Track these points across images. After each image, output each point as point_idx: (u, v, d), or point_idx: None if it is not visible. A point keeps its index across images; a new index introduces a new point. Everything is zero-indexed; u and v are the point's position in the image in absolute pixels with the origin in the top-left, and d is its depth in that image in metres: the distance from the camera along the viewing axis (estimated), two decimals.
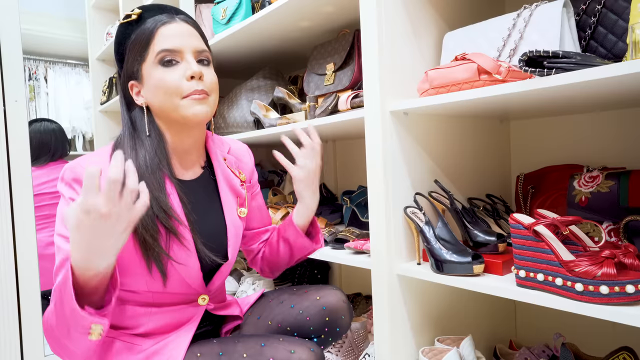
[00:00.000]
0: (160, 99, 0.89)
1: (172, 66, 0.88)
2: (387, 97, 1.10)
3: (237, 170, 1.05)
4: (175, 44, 0.89)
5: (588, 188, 1.06)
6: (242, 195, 1.04)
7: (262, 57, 1.99)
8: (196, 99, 0.88)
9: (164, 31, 0.89)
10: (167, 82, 0.87)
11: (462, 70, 0.96)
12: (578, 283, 0.79)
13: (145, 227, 0.83)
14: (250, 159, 1.12)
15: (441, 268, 1.02)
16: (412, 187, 1.16)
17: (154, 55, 0.88)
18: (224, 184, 1.00)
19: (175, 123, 0.92)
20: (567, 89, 0.80)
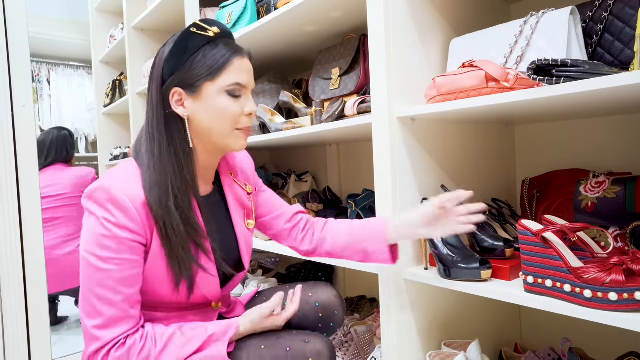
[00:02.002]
0: (215, 123, 0.91)
1: (236, 99, 0.92)
2: (395, 103, 1.11)
3: (244, 183, 1.08)
4: (245, 80, 0.93)
5: (595, 193, 1.07)
6: (249, 207, 1.06)
7: (267, 61, 2.00)
8: (244, 133, 0.94)
9: (239, 64, 0.92)
10: (231, 112, 0.91)
11: (470, 77, 0.97)
12: (587, 290, 0.80)
13: (182, 244, 0.87)
14: (250, 164, 1.14)
15: (449, 273, 1.02)
16: (419, 192, 1.17)
17: (226, 83, 0.90)
18: (233, 199, 1.03)
19: (213, 145, 0.94)
20: (575, 97, 0.81)
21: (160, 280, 0.89)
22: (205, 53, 0.90)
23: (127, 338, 0.83)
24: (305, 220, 1.15)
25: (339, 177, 2.13)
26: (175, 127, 0.91)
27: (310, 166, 2.30)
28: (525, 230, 0.91)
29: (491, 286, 0.96)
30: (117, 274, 0.83)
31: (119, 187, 0.85)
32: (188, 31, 0.90)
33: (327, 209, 1.96)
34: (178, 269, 0.87)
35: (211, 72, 0.89)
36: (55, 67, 4.48)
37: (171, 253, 0.87)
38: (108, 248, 0.83)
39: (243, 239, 1.02)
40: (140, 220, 0.85)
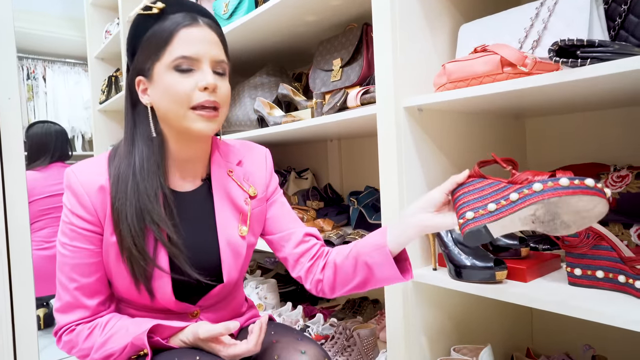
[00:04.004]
0: (167, 105, 0.83)
1: (186, 73, 0.81)
2: (401, 92, 1.04)
3: (247, 184, 0.96)
4: (194, 51, 0.82)
5: (616, 188, 0.99)
6: (245, 211, 0.94)
7: (265, 53, 1.92)
8: (204, 115, 0.82)
9: (185, 35, 0.82)
10: (179, 89, 0.81)
11: (483, 62, 0.89)
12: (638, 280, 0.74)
13: (133, 236, 0.81)
14: (266, 168, 1.01)
15: (460, 274, 0.95)
16: (427, 188, 1.10)
17: (171, 59, 0.81)
18: (223, 200, 0.92)
19: (178, 131, 0.86)
20: (602, 81, 0.74)
21: (121, 277, 0.84)
22: (153, 32, 0.83)
23: (78, 325, 0.84)
24: (316, 250, 0.96)
25: (340, 174, 2.06)
26: (142, 117, 0.87)
27: (311, 162, 2.23)
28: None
29: (508, 288, 0.88)
30: (71, 260, 0.83)
31: (78, 171, 0.84)
32: (137, 15, 0.85)
33: (328, 207, 1.89)
34: (130, 266, 0.82)
35: (156, 50, 0.82)
36: (51, 64, 4.40)
37: (122, 245, 0.82)
38: (65, 234, 0.84)
39: (228, 246, 0.90)
40: (93, 207, 0.82)
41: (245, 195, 0.94)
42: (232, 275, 0.91)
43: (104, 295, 0.86)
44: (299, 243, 0.96)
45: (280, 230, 0.98)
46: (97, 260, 0.84)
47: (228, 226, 0.91)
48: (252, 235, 0.96)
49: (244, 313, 1.02)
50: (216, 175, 0.93)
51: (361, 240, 0.89)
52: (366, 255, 0.85)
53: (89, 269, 0.83)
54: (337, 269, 0.90)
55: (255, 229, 0.96)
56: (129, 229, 0.81)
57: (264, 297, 1.90)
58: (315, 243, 0.98)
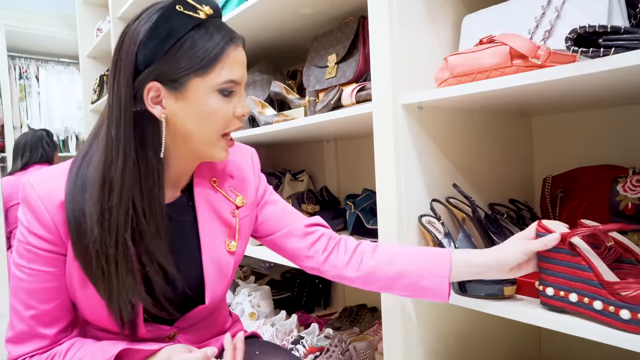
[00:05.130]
0: (199, 127, 0.73)
1: (228, 97, 0.74)
2: (399, 88, 0.95)
3: (233, 193, 0.87)
4: (240, 75, 0.75)
5: (636, 193, 0.91)
6: (232, 224, 0.85)
7: (259, 50, 1.84)
8: (229, 144, 0.78)
9: (234, 56, 0.73)
10: (221, 115, 0.73)
11: (490, 54, 0.81)
12: (624, 309, 0.64)
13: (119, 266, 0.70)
14: (254, 170, 0.92)
15: (464, 288, 0.86)
16: (427, 192, 1.01)
17: (220, 81, 0.72)
18: (207, 213, 0.82)
19: (194, 153, 0.77)
20: (628, 73, 0.65)
21: (88, 301, 0.74)
22: (194, 40, 0.70)
23: (32, 357, 0.73)
24: (328, 237, 0.89)
25: (337, 176, 1.97)
26: (148, 130, 0.73)
27: (307, 164, 2.14)
28: (546, 233, 0.75)
29: (517, 306, 0.80)
30: (28, 284, 0.72)
31: (36, 183, 0.72)
32: (172, 8, 0.70)
33: (324, 211, 1.80)
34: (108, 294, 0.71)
35: (202, 65, 0.71)
36: (44, 63, 4.32)
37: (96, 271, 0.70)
38: (21, 255, 0.73)
39: (213, 264, 0.81)
40: (54, 224, 0.71)
41: (232, 206, 0.85)
42: (216, 295, 0.82)
43: (64, 322, 0.76)
44: (304, 235, 0.88)
45: (280, 229, 0.90)
46: (57, 284, 0.73)
47: (214, 243, 0.82)
48: (241, 247, 0.87)
49: (228, 329, 0.94)
50: (199, 186, 0.83)
51: (419, 256, 0.81)
52: (420, 278, 0.79)
53: (48, 294, 0.73)
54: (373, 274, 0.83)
55: (244, 238, 0.88)
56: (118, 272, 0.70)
57: (256, 305, 1.81)
58: (323, 234, 0.89)
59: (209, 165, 0.85)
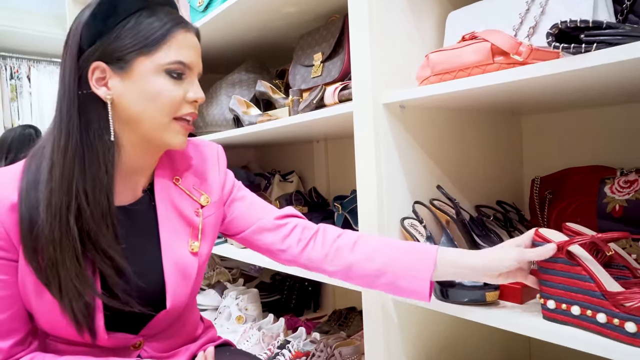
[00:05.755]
0: (147, 109, 0.72)
1: (177, 80, 0.73)
2: (380, 87, 0.92)
3: (197, 192, 0.84)
4: (190, 58, 0.74)
5: (624, 195, 0.88)
6: (196, 224, 0.82)
7: (245, 49, 1.80)
8: (185, 127, 0.75)
9: (183, 38, 0.73)
10: (169, 97, 0.72)
11: (472, 51, 0.78)
12: (630, 322, 0.61)
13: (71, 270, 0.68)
14: (219, 168, 0.89)
15: (446, 294, 0.83)
16: (410, 194, 0.98)
17: (166, 61, 0.71)
18: (169, 213, 0.79)
19: (146, 139, 0.75)
20: (611, 70, 0.62)
21: (44, 310, 0.70)
22: (139, 19, 0.71)
23: None
24: (302, 228, 0.85)
25: (327, 177, 1.94)
26: (94, 113, 0.71)
27: (297, 165, 2.11)
28: (544, 242, 0.72)
29: (500, 312, 0.77)
30: None
31: None
32: None
33: (313, 212, 1.77)
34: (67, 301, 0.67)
35: (147, 43, 0.70)
36: (36, 63, 4.27)
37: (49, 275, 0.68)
38: None
39: (175, 267, 0.77)
40: (4, 229, 0.67)
41: (196, 205, 0.82)
42: (179, 299, 0.78)
43: (21, 334, 0.71)
44: (275, 229, 0.84)
45: (249, 225, 0.86)
46: (10, 293, 0.69)
47: (175, 244, 0.79)
48: (206, 247, 0.84)
49: (200, 336, 0.90)
50: (160, 185, 0.80)
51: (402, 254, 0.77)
52: (400, 278, 0.75)
53: (1, 303, 0.69)
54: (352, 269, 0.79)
55: (209, 238, 0.85)
56: (64, 258, 0.67)
57: (244, 308, 1.78)
58: (296, 225, 0.85)
59: (171, 163, 0.83)
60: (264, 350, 1.52)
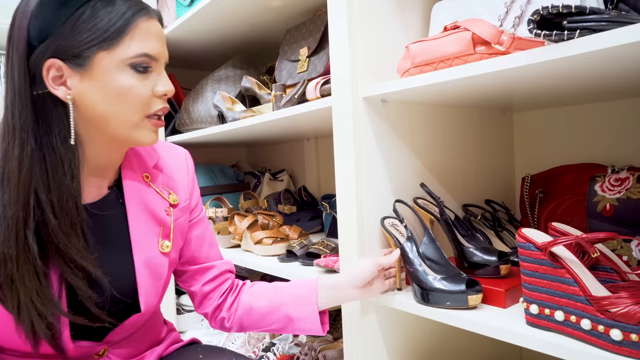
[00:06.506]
0: (116, 109, 0.66)
1: (143, 75, 0.67)
2: (360, 81, 0.88)
3: (166, 190, 0.80)
4: (155, 49, 0.68)
5: (614, 194, 0.84)
6: (167, 223, 0.78)
7: (233, 45, 1.76)
8: (155, 124, 0.71)
9: (146, 27, 0.67)
10: (138, 94, 0.67)
11: (453, 41, 0.74)
12: (615, 329, 0.57)
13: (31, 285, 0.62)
14: (188, 172, 0.85)
15: (427, 298, 0.79)
16: (392, 193, 0.94)
17: (130, 55, 0.65)
18: (139, 211, 0.75)
19: (114, 138, 0.69)
20: (595, 59, 0.58)
21: None
22: (95, 9, 0.63)
23: None
24: (230, 284, 0.87)
25: (317, 176, 1.90)
26: (54, 115, 0.65)
27: (287, 163, 2.07)
28: (526, 243, 0.68)
29: (481, 316, 0.72)
30: None
31: None
32: None
33: (302, 211, 1.73)
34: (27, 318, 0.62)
35: (106, 37, 0.64)
36: None
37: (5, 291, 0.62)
38: None
39: (146, 267, 0.74)
40: None
41: (166, 203, 0.78)
42: (151, 301, 0.74)
43: None
44: (215, 278, 0.85)
45: (199, 261, 0.85)
46: None
47: (146, 242, 0.75)
48: (175, 252, 0.80)
49: (164, 339, 0.87)
50: (129, 182, 0.76)
51: (287, 289, 0.84)
52: (291, 309, 0.82)
53: None
54: (252, 312, 0.83)
55: (177, 243, 0.81)
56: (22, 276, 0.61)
57: None
58: (229, 278, 0.88)
59: (139, 159, 0.79)
60: (249, 353, 1.48)
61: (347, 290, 0.81)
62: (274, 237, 1.33)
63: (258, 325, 0.84)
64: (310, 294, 0.82)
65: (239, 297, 0.85)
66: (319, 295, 0.81)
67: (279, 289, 0.85)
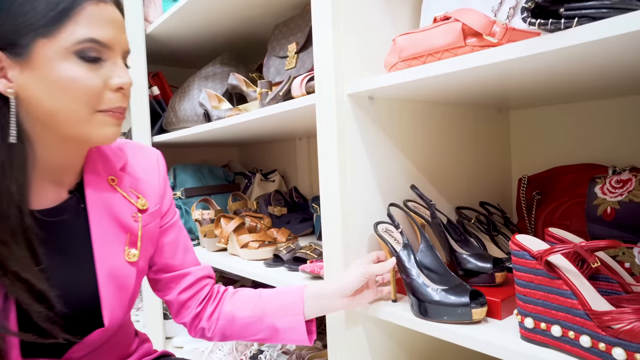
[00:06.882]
0: (61, 103, 0.60)
1: (93, 64, 0.60)
2: (345, 77, 0.82)
3: (134, 195, 0.74)
4: (107, 36, 0.61)
5: (616, 196, 0.78)
6: (134, 230, 0.72)
7: (222, 42, 1.71)
8: (114, 116, 0.64)
9: (94, 11, 0.60)
10: (86, 86, 0.60)
11: (442, 33, 0.68)
12: (617, 347, 0.51)
13: None
14: (159, 174, 0.80)
15: (425, 311, 0.73)
16: (381, 197, 0.89)
17: (73, 41, 0.59)
18: (103, 217, 0.69)
19: (66, 136, 0.63)
20: (596, 49, 0.53)
21: None
22: None
23: None
24: (208, 291, 0.82)
25: (309, 177, 1.84)
26: None
27: (279, 164, 2.02)
28: (521, 252, 0.63)
29: (473, 330, 0.67)
30: None
31: None
32: None
33: (292, 213, 1.68)
34: None
35: (46, 23, 0.57)
36: None
37: None
38: None
39: (110, 278, 0.68)
40: None
41: (133, 209, 0.73)
42: (117, 315, 0.69)
43: None
44: (191, 285, 0.80)
45: (173, 269, 0.80)
46: None
47: (110, 251, 0.69)
48: (144, 260, 0.74)
49: (135, 351, 0.82)
50: (92, 184, 0.70)
51: (271, 298, 0.80)
52: (276, 319, 0.77)
53: None
54: (235, 322, 0.78)
55: (147, 251, 0.75)
56: None
57: None
58: (207, 284, 0.82)
59: (104, 160, 0.73)
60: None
61: (335, 299, 0.77)
62: (260, 240, 1.28)
63: (242, 335, 0.79)
64: (296, 303, 0.77)
65: (220, 306, 0.80)
66: (306, 305, 0.77)
67: (263, 297, 0.80)
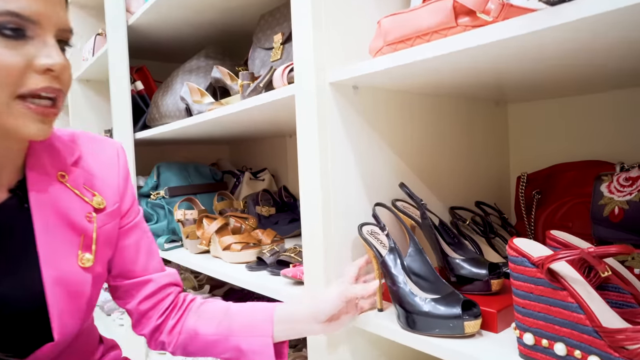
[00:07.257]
0: None
1: (13, 41, 0.53)
2: (326, 65, 0.75)
3: (89, 192, 0.67)
4: (34, 9, 0.53)
5: (624, 195, 0.71)
6: (89, 232, 0.65)
7: (206, 35, 1.64)
8: (39, 111, 0.55)
9: None
10: (5, 65, 0.52)
11: (430, 12, 0.61)
12: None
13: None
14: (119, 169, 0.72)
15: (413, 324, 0.66)
16: (366, 195, 0.81)
17: None
18: (48, 218, 0.62)
19: None
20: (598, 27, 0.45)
21: None
22: None
23: None
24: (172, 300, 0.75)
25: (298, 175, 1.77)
26: None
27: (269, 162, 1.95)
28: (519, 258, 0.55)
29: (469, 346, 0.60)
30: None
31: None
32: None
33: (281, 213, 1.61)
34: None
35: None
36: None
37: None
38: None
39: (59, 285, 0.61)
40: None
41: (88, 207, 0.66)
42: (69, 327, 0.62)
43: None
44: (153, 294, 0.73)
45: (134, 275, 0.72)
46: None
47: (60, 256, 0.62)
48: (101, 265, 0.67)
49: None
50: (35, 182, 0.62)
51: (239, 315, 0.72)
52: (242, 339, 0.70)
53: None
54: (197, 338, 0.71)
55: (104, 254, 0.68)
56: None
57: None
58: (170, 293, 0.75)
59: (53, 155, 0.65)
60: None
61: (308, 324, 0.69)
62: (244, 242, 1.20)
63: (205, 354, 0.72)
64: (264, 322, 0.70)
65: (183, 319, 0.73)
66: (275, 329, 0.70)
67: (230, 314, 0.72)
